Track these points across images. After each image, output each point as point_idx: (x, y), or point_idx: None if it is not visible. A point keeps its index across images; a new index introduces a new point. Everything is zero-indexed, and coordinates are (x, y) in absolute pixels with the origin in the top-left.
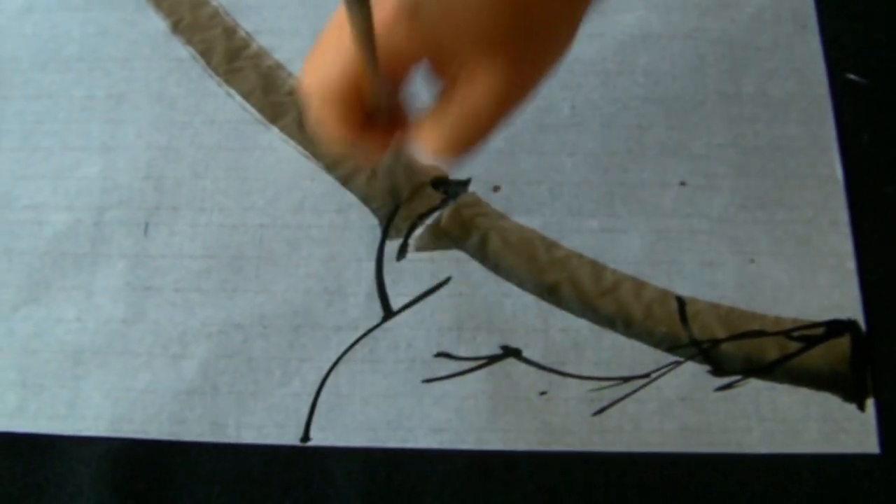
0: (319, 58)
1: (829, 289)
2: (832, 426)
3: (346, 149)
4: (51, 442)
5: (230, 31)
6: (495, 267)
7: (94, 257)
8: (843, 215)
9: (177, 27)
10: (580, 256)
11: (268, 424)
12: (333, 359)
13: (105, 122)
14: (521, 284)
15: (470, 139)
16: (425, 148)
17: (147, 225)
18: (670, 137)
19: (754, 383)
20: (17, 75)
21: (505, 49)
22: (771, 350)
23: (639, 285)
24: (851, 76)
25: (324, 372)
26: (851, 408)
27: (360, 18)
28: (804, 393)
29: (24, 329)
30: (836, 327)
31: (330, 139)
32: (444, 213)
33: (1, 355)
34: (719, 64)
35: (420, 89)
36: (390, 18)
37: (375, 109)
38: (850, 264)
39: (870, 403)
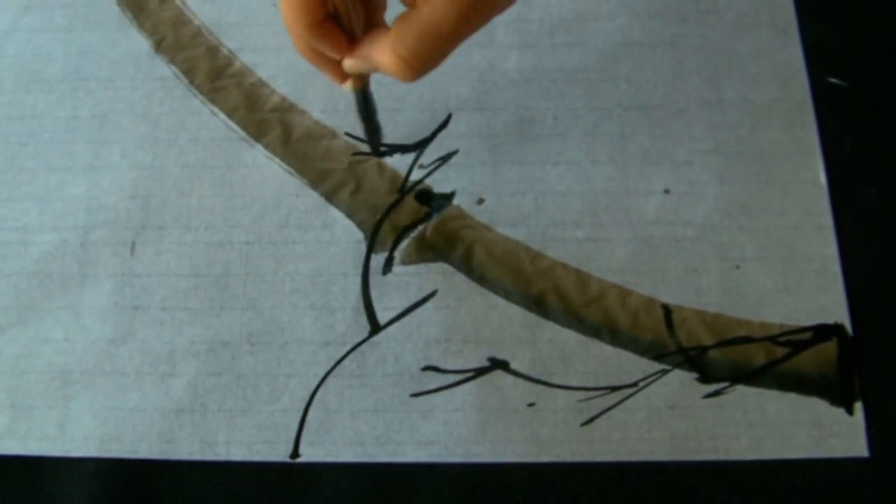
0: None
1: (815, 293)
2: (821, 431)
3: (308, 51)
4: (40, 463)
5: (213, 50)
6: (481, 279)
7: (81, 277)
8: (828, 219)
9: (159, 46)
10: (565, 266)
11: (257, 441)
12: (321, 374)
13: (89, 143)
14: (506, 296)
15: (430, 51)
16: (383, 65)
17: (133, 244)
18: (653, 145)
19: (742, 390)
20: (1, 97)
21: None
22: (758, 356)
23: (624, 294)
24: (833, 80)
25: (312, 388)
26: (840, 412)
27: None
28: (792, 398)
29: (12, 350)
30: (822, 331)
31: (290, 29)
32: (428, 226)
33: None
34: (701, 71)
35: None
36: None
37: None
38: (836, 268)
39: (858, 407)
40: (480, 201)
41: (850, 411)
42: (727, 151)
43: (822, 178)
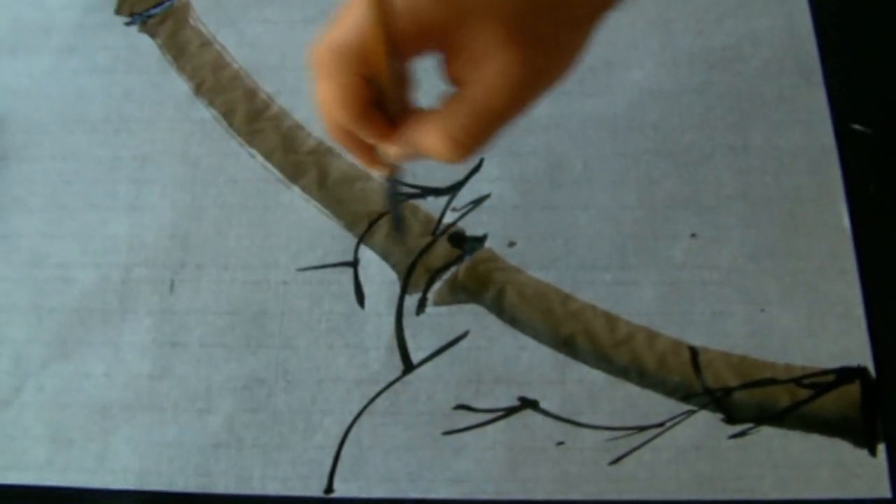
0: (335, 29)
1: (838, 336)
2: (844, 472)
3: (344, 136)
4: (80, 495)
5: (251, 93)
6: (512, 320)
7: (121, 314)
8: (851, 263)
9: (199, 89)
10: (594, 308)
11: (292, 476)
12: (355, 412)
13: (131, 183)
14: (537, 337)
15: (476, 140)
16: (430, 148)
17: (173, 282)
18: (680, 190)
19: (766, 430)
20: (45, 137)
21: (523, 38)
22: (782, 397)
23: (652, 336)
24: (857, 126)
25: (346, 425)
26: (863, 453)
27: None
28: (816, 439)
29: (54, 384)
30: (845, 374)
31: (329, 115)
32: (461, 268)
33: (30, 410)
34: (727, 117)
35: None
36: None
37: (383, 92)
38: (859, 311)
39: (881, 449)
40: (511, 244)
41: (872, 453)
42: (753, 196)
43: (846, 223)
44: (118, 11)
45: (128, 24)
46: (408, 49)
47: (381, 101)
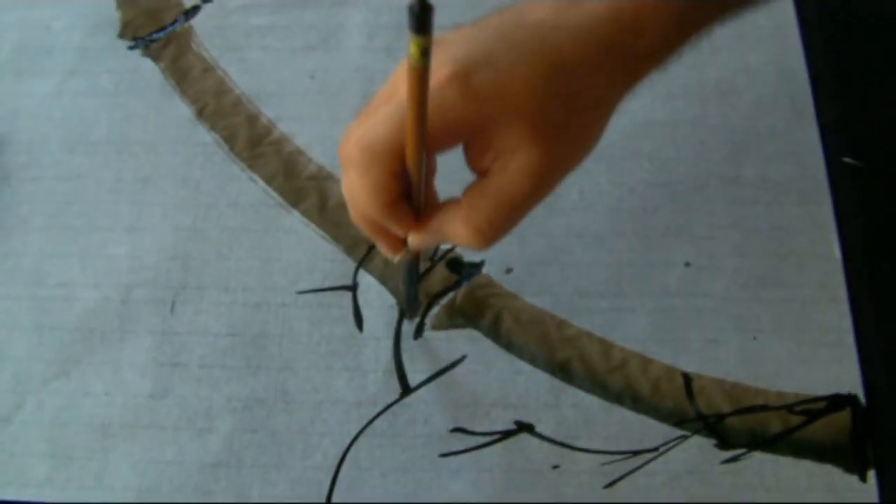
0: (366, 121)
1: (829, 364)
2: (834, 497)
3: (371, 227)
4: None
5: (252, 118)
6: (508, 345)
7: (121, 334)
8: (842, 292)
9: (201, 114)
10: (589, 335)
11: (290, 496)
12: (353, 433)
13: (132, 204)
14: (532, 362)
15: (501, 228)
16: (456, 237)
17: (174, 303)
18: (674, 220)
19: (759, 456)
20: (47, 157)
21: (544, 131)
22: (774, 424)
23: (646, 362)
24: (847, 160)
25: (344, 446)
26: (853, 479)
27: (420, 83)
28: (807, 465)
29: (54, 402)
30: (836, 401)
31: (358, 209)
32: (458, 294)
33: (31, 427)
34: (720, 149)
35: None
36: (444, 82)
37: (411, 189)
38: (849, 340)
39: (871, 475)
40: (509, 271)
41: (863, 479)
42: (745, 227)
43: (837, 253)
44: (121, 35)
45: (131, 48)
46: (435, 145)
47: (408, 192)
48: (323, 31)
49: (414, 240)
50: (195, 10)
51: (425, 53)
